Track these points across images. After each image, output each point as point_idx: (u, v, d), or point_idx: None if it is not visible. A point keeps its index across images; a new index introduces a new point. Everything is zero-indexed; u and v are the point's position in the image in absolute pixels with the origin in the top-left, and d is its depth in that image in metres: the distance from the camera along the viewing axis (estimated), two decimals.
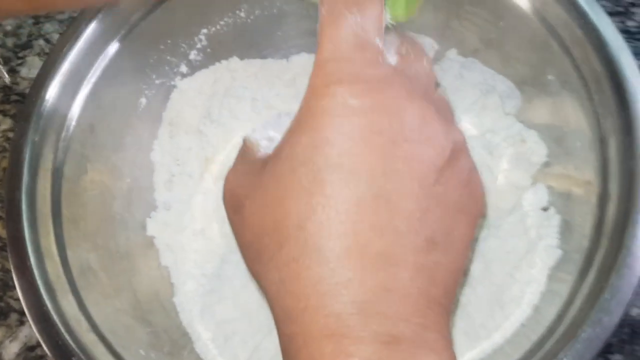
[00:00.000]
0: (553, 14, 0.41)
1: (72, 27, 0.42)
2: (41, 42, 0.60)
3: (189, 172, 0.50)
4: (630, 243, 0.32)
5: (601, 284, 0.32)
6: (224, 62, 0.51)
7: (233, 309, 0.46)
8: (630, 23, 0.51)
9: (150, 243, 0.47)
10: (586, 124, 0.40)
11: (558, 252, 0.40)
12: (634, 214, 0.33)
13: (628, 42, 0.51)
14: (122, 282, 0.43)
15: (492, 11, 0.45)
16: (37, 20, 0.60)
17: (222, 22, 0.49)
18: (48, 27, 0.61)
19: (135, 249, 0.46)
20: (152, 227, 0.48)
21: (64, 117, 0.41)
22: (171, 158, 0.50)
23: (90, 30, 0.42)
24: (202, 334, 0.44)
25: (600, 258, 0.34)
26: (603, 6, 0.39)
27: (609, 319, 0.31)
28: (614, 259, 0.32)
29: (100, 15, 0.42)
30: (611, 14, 0.51)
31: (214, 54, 0.50)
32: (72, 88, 0.41)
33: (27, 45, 0.58)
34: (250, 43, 0.51)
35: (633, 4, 0.52)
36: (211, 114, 0.50)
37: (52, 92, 0.40)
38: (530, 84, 0.45)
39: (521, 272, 0.40)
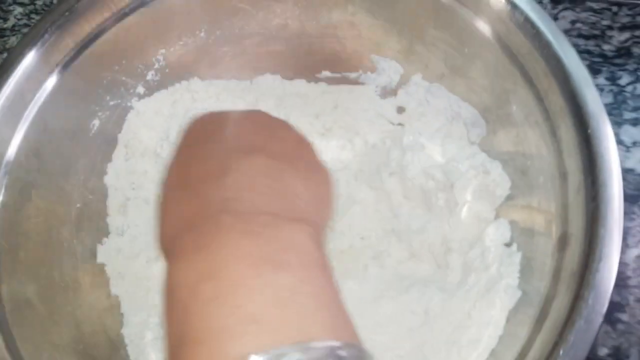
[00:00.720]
0: (517, 42, 0.39)
1: (17, 47, 0.40)
2: (5, 56, 0.58)
3: (144, 196, 0.48)
4: (588, 295, 0.31)
5: (556, 338, 0.31)
6: (184, 82, 0.49)
7: None
8: (606, 47, 0.50)
9: (100, 271, 0.46)
10: (549, 159, 0.38)
11: (518, 293, 0.38)
12: (592, 262, 0.31)
13: (604, 66, 0.50)
14: (64, 315, 0.41)
15: (457, 37, 0.44)
16: (2, 34, 0.58)
17: (181, 42, 0.48)
18: (13, 40, 0.59)
19: (83, 278, 0.44)
20: (103, 254, 0.46)
21: (5, 143, 0.39)
22: (126, 182, 0.48)
23: (35, 52, 0.40)
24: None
25: (557, 306, 0.33)
26: (578, 29, 0.38)
27: None
28: (570, 311, 0.31)
29: (46, 36, 0.40)
30: (587, 37, 0.50)
31: (173, 74, 0.49)
32: (14, 112, 0.39)
33: None
34: (212, 64, 0.49)
35: (610, 27, 0.51)
36: (169, 135, 0.49)
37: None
38: (494, 113, 0.44)
39: (480, 312, 0.39)
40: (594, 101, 0.35)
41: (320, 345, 0.20)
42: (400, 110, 0.50)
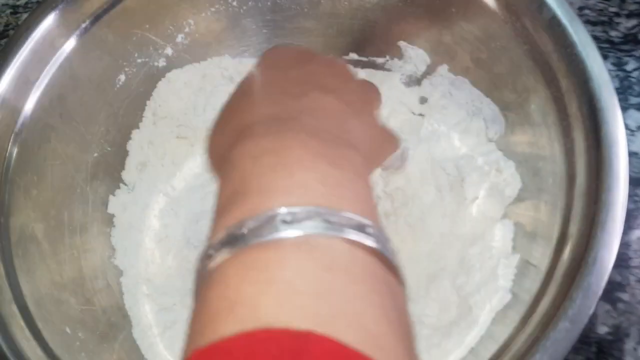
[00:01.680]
0: (542, 40, 0.39)
1: None
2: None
3: (164, 162, 0.49)
4: (577, 295, 0.30)
5: (537, 334, 0.30)
6: (215, 58, 0.50)
7: (180, 298, 0.45)
8: (613, 33, 0.50)
9: (109, 221, 0.47)
10: (560, 161, 0.37)
11: (508, 296, 0.38)
12: (585, 265, 0.31)
13: (611, 52, 0.50)
14: (68, 257, 0.42)
15: (484, 31, 0.43)
16: (15, 10, 0.60)
17: (212, 9, 0.48)
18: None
19: (92, 225, 0.46)
20: (115, 205, 0.47)
21: (31, 84, 0.40)
22: (150, 146, 0.49)
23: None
24: (143, 319, 0.43)
25: (545, 306, 0.32)
26: (586, 15, 0.37)
27: None
28: (556, 310, 0.30)
29: None
30: (595, 23, 0.50)
31: (202, 40, 0.49)
32: (42, 56, 0.41)
33: (3, 35, 0.58)
34: (240, 35, 0.50)
35: (617, 14, 0.51)
36: (196, 108, 0.50)
37: (22, 54, 0.40)
38: (514, 111, 0.43)
39: (470, 315, 0.38)
40: (611, 106, 0.35)
41: (351, 216, 0.21)
42: (423, 100, 0.50)
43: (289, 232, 0.20)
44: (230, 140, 0.26)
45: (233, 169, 0.24)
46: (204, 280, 0.21)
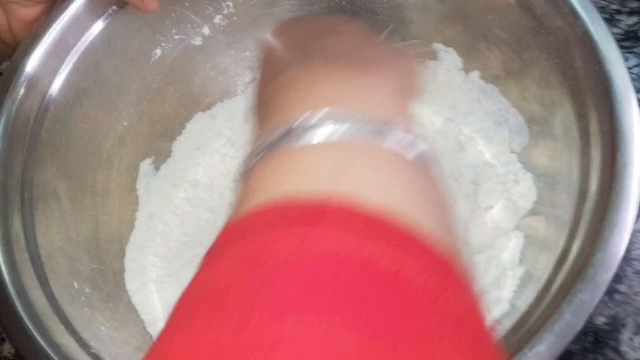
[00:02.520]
0: (573, 55, 0.38)
1: None
2: None
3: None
4: (567, 310, 0.30)
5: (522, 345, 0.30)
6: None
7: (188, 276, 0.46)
8: (615, 30, 0.50)
9: (132, 189, 0.49)
10: (577, 178, 0.37)
11: (506, 307, 0.37)
12: (581, 281, 0.30)
13: None
14: (86, 217, 0.44)
15: (518, 41, 0.43)
16: None
17: None
18: None
19: (114, 191, 0.47)
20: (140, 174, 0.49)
21: (69, 47, 0.42)
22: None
23: None
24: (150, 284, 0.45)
25: (536, 318, 0.32)
26: None
27: None
28: (543, 323, 0.30)
29: None
30: None
31: (240, 23, 0.50)
32: (81, 23, 0.42)
33: None
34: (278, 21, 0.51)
35: (619, 12, 0.51)
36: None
37: (63, 19, 0.41)
38: (539, 124, 0.43)
39: None
40: (631, 127, 0.34)
41: (370, 117, 0.22)
42: (451, 104, 0.49)
43: (316, 135, 0.21)
44: (267, 95, 0.28)
45: (267, 104, 0.26)
46: (245, 177, 0.23)
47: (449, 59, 0.49)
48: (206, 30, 0.50)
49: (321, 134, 0.21)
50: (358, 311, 0.16)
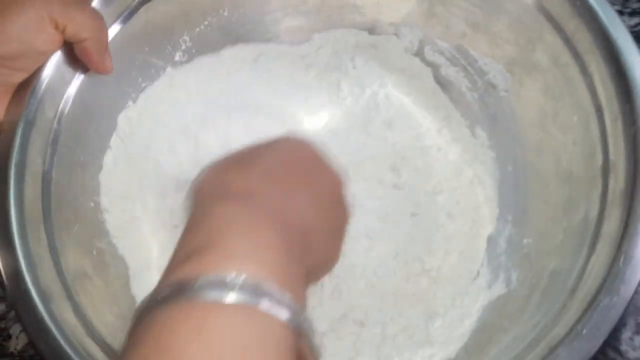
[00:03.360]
0: None
1: None
2: None
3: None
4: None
5: None
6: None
7: None
8: None
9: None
10: (582, 96, 0.39)
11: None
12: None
13: None
14: (118, 288, 0.41)
15: None
16: None
17: (206, 22, 0.48)
18: None
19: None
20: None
21: (49, 121, 0.40)
22: None
23: None
24: None
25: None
26: None
27: None
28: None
29: None
30: None
31: (199, 54, 0.49)
32: (56, 93, 0.40)
33: None
34: (235, 42, 0.50)
35: (620, 12, 0.53)
36: None
37: (35, 98, 0.39)
38: (520, 64, 0.45)
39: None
40: (623, 35, 0.37)
41: (288, 298, 0.24)
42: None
43: (234, 296, 0.23)
44: (211, 196, 0.28)
45: (203, 224, 0.26)
46: (145, 321, 0.23)
47: (408, 33, 0.50)
48: (169, 70, 0.48)
49: (237, 299, 0.23)
50: None
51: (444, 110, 0.50)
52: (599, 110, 0.38)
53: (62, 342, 0.32)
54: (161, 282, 0.24)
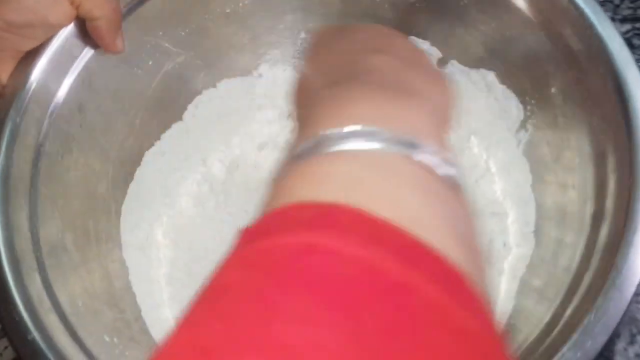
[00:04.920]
0: (560, 24, 0.39)
1: None
2: None
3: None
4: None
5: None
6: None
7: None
8: None
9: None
10: (587, 138, 0.38)
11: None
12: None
13: None
14: (97, 266, 0.42)
15: (499, 19, 0.44)
16: None
17: (226, 11, 0.48)
18: None
19: (117, 236, 0.45)
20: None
21: (51, 94, 0.40)
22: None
23: None
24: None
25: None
26: None
27: None
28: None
29: None
30: None
31: (214, 45, 0.49)
32: (61, 66, 0.40)
33: None
34: (253, 38, 0.50)
35: (612, 19, 0.51)
36: None
37: (39, 68, 0.39)
38: (533, 96, 0.44)
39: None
40: (636, 82, 0.35)
41: (404, 136, 0.22)
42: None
43: (343, 147, 0.21)
44: (309, 104, 0.27)
45: (306, 115, 0.26)
46: (274, 182, 0.23)
47: (427, 50, 0.50)
48: (181, 58, 0.49)
49: (348, 147, 0.21)
50: (351, 315, 0.16)
51: None
52: (600, 157, 0.36)
53: (24, 312, 0.32)
54: (298, 140, 0.23)
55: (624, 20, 0.52)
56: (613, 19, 0.52)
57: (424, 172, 0.21)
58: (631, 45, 0.51)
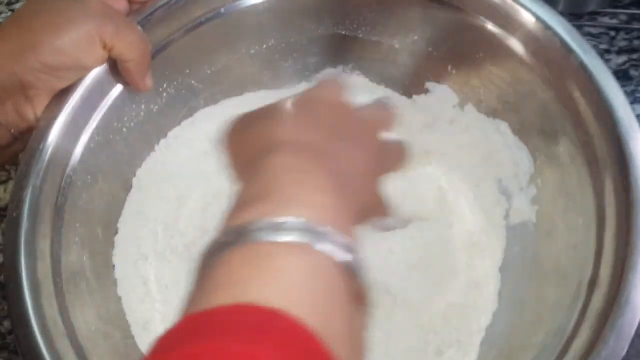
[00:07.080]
0: (570, 85, 0.40)
1: None
2: None
3: None
4: (610, 336, 0.31)
5: None
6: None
7: None
8: None
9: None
10: (589, 202, 0.39)
11: None
12: (618, 305, 0.32)
13: None
14: (113, 293, 0.44)
15: (512, 75, 0.45)
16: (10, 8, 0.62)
17: (251, 52, 0.51)
18: None
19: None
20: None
21: (80, 127, 0.43)
22: None
23: None
24: None
25: (578, 346, 0.33)
26: None
27: None
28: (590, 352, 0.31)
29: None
30: None
31: (237, 81, 0.52)
32: (92, 102, 0.43)
33: None
34: (275, 74, 0.52)
35: (608, 51, 0.54)
36: None
37: (71, 104, 0.42)
38: (543, 152, 0.45)
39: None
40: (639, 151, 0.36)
41: (343, 239, 0.25)
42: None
43: (292, 237, 0.24)
44: (260, 148, 0.29)
45: (258, 176, 0.27)
46: (209, 264, 0.24)
47: (442, 97, 0.51)
48: (207, 93, 0.51)
49: (297, 239, 0.24)
50: None
51: None
52: (601, 219, 0.37)
53: (39, 337, 0.35)
54: (221, 230, 0.25)
55: (619, 51, 0.53)
56: (609, 51, 0.53)
57: (320, 261, 0.24)
58: (628, 77, 0.52)
